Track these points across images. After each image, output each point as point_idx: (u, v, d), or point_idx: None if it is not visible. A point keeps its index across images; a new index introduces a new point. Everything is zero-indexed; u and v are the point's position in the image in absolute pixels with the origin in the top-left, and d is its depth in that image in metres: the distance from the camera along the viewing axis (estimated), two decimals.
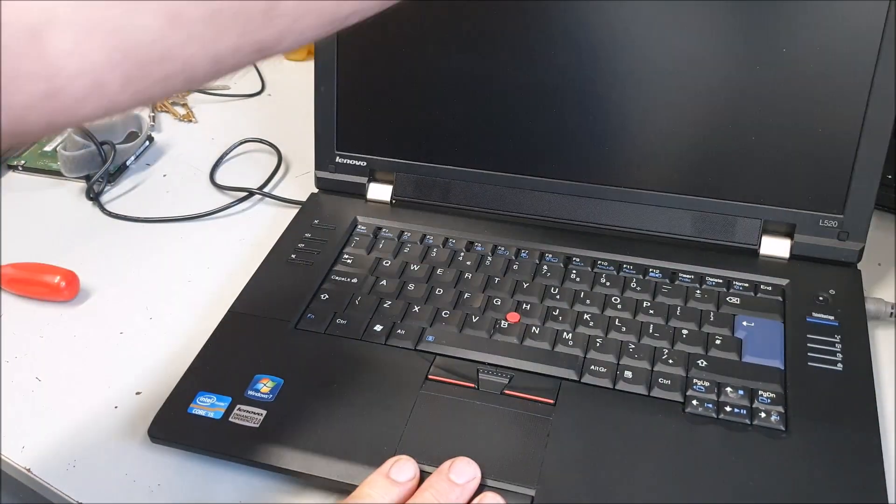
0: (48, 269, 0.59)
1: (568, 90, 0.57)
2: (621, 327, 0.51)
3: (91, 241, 0.65)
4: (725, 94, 0.55)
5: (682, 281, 0.54)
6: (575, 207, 0.59)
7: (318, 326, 0.52)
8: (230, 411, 0.47)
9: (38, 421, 0.50)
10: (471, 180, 0.60)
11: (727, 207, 0.56)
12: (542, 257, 0.57)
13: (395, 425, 0.45)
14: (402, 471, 0.42)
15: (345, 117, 0.62)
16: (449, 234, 0.59)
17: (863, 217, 0.54)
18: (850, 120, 0.53)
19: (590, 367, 0.48)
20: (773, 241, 0.56)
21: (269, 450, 0.45)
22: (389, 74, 0.60)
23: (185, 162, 0.74)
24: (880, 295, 0.56)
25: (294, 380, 0.48)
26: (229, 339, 0.51)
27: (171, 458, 0.47)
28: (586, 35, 0.55)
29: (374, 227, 0.60)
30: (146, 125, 0.76)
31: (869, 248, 0.55)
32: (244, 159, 0.74)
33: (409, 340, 0.51)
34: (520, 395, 0.47)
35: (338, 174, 0.63)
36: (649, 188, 0.57)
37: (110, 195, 0.70)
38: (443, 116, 0.60)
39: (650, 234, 0.58)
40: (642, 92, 0.56)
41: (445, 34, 0.58)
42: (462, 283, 0.55)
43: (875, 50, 0.51)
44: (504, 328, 0.51)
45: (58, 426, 0.50)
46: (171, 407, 0.47)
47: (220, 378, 0.49)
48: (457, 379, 0.48)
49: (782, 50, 0.53)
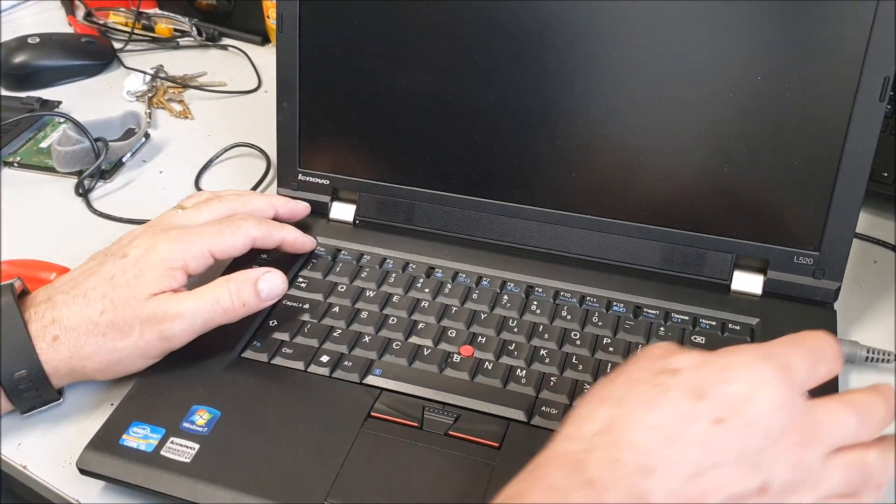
0: (43, 266, 0.58)
1: (536, 114, 0.55)
2: (578, 365, 0.49)
3: (79, 237, 0.64)
4: (698, 124, 0.52)
5: (646, 316, 0.52)
6: (541, 234, 0.56)
7: (263, 355, 0.50)
8: (163, 444, 0.45)
9: (34, 418, 0.49)
10: (436, 203, 0.58)
11: (698, 240, 0.54)
12: (503, 286, 0.54)
13: (331, 466, 0.43)
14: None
15: (308, 134, 0.60)
16: (410, 257, 0.57)
17: (840, 255, 0.52)
18: (828, 153, 0.50)
19: (541, 409, 0.46)
20: (745, 276, 0.54)
21: (197, 487, 0.43)
22: (354, 92, 0.58)
23: (182, 159, 0.74)
24: (859, 324, 0.54)
25: (232, 412, 0.46)
26: (171, 365, 0.50)
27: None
28: (556, 59, 0.53)
29: (333, 248, 0.58)
30: (143, 122, 0.75)
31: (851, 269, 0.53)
32: (234, 163, 0.73)
33: (356, 373, 0.49)
34: (464, 436, 0.45)
35: (300, 192, 0.61)
36: (618, 217, 0.55)
37: (104, 191, 0.70)
38: (409, 136, 0.58)
39: (617, 265, 0.55)
40: (613, 119, 0.54)
41: (412, 53, 0.56)
42: (418, 310, 0.53)
43: (854, 80, 0.49)
44: (456, 362, 0.49)
45: (54, 423, 0.49)
46: (103, 437, 0.46)
47: (157, 408, 0.47)
48: (400, 417, 0.46)
49: (757, 79, 0.50)
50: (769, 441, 0.34)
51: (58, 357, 0.47)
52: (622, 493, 0.33)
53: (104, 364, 0.47)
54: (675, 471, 0.33)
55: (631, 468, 0.33)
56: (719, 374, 0.35)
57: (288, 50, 0.59)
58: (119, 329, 0.47)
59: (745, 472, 0.34)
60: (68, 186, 0.70)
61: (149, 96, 0.82)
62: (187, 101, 0.82)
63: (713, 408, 0.34)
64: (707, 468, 0.34)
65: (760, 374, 0.35)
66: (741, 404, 0.35)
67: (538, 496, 0.34)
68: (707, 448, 0.34)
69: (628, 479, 0.33)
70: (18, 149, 0.74)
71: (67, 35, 0.89)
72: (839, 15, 0.48)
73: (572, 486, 0.34)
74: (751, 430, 0.34)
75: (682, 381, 0.36)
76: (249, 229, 0.52)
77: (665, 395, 0.35)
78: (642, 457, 0.34)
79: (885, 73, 0.48)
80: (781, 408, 0.35)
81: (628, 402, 0.36)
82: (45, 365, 0.46)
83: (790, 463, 0.35)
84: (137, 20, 0.91)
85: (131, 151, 0.73)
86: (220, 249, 0.51)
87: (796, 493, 0.35)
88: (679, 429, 0.34)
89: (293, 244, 0.56)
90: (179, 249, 0.49)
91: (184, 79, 0.84)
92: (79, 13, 0.94)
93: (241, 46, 0.90)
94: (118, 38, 0.91)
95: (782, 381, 0.35)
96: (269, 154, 0.72)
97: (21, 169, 0.72)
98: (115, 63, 0.88)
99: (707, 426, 0.34)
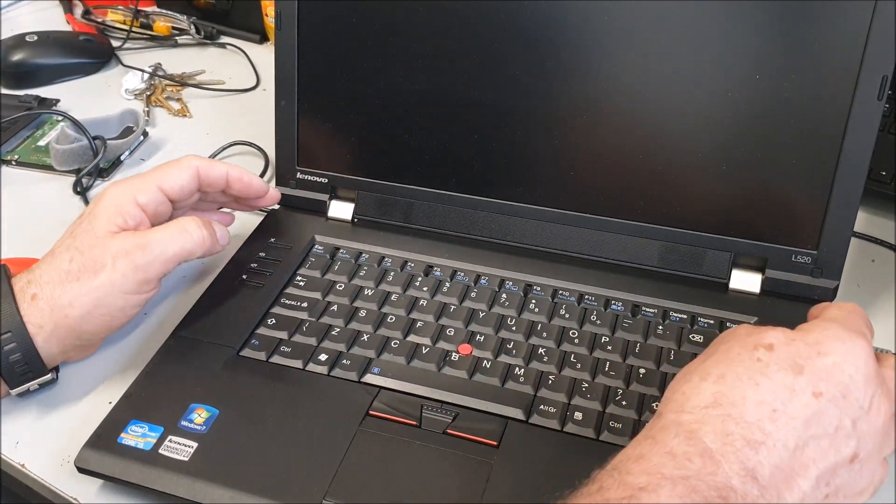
0: None
1: (535, 113, 0.55)
2: (576, 364, 0.49)
3: None
4: (697, 122, 0.52)
5: (644, 315, 0.52)
6: (539, 233, 0.56)
7: (262, 354, 0.50)
8: (161, 442, 0.45)
9: (32, 417, 0.50)
10: (435, 201, 0.58)
11: (696, 239, 0.54)
12: (501, 284, 0.54)
13: (329, 465, 0.43)
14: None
15: (306, 132, 0.60)
16: (408, 256, 0.57)
17: (838, 254, 0.52)
18: (826, 152, 0.50)
19: (539, 407, 0.46)
20: (743, 275, 0.54)
21: (195, 486, 0.43)
22: (353, 90, 0.58)
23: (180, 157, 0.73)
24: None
25: (230, 411, 0.46)
26: (169, 364, 0.50)
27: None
28: (554, 57, 0.53)
29: (331, 247, 0.58)
30: (141, 120, 0.75)
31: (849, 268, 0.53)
32: (232, 162, 0.72)
33: (354, 372, 0.49)
34: (462, 435, 0.45)
35: (298, 190, 0.61)
36: (617, 216, 0.55)
37: (101, 190, 0.69)
38: (407, 135, 0.58)
39: (616, 264, 0.55)
40: (611, 118, 0.54)
41: (411, 52, 0.56)
42: (416, 309, 0.53)
43: (853, 79, 0.49)
44: (454, 361, 0.49)
45: (52, 422, 0.49)
46: (101, 435, 0.46)
47: (155, 406, 0.47)
48: (399, 416, 0.46)
49: (756, 78, 0.50)
50: (862, 412, 0.37)
51: (39, 313, 0.47)
52: (735, 465, 0.35)
53: (86, 309, 0.48)
54: (781, 444, 0.36)
55: (741, 442, 0.36)
56: (813, 348, 0.38)
57: (286, 48, 0.58)
58: (91, 269, 0.48)
59: (842, 443, 0.36)
60: (66, 185, 0.70)
61: (147, 94, 0.81)
62: (185, 100, 0.81)
63: (811, 381, 0.37)
64: (807, 440, 0.36)
65: (851, 347, 0.38)
66: (836, 375, 0.37)
67: (657, 459, 0.36)
68: (808, 422, 0.36)
69: (740, 453, 0.35)
70: (16, 147, 0.74)
71: (65, 33, 0.89)
72: (837, 14, 0.48)
73: (690, 453, 0.35)
74: (845, 403, 0.37)
75: (778, 356, 0.38)
76: (191, 160, 0.54)
77: (765, 370, 0.38)
78: (751, 431, 0.36)
79: (884, 73, 0.48)
80: (870, 378, 0.38)
81: (731, 378, 0.38)
82: (29, 325, 0.47)
83: (878, 430, 0.37)
84: (136, 18, 0.90)
85: (129, 150, 0.73)
86: (167, 181, 0.52)
87: (880, 454, 0.38)
88: (782, 403, 0.36)
89: (239, 179, 0.55)
90: (125, 186, 0.51)
91: (182, 77, 0.84)
92: (77, 11, 0.94)
93: (239, 45, 0.90)
94: (116, 37, 0.90)
95: (869, 352, 0.38)
96: (268, 152, 0.72)
97: (19, 167, 0.72)
98: (114, 61, 0.88)
99: (807, 400, 0.37)
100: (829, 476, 0.36)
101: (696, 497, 0.34)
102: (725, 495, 0.34)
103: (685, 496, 0.34)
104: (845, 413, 0.37)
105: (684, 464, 0.35)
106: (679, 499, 0.34)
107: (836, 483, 0.36)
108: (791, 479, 0.35)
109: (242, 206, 0.59)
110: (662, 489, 0.34)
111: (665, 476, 0.35)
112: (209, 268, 0.60)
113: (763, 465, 0.35)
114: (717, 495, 0.34)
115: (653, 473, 0.35)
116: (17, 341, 0.47)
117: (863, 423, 0.37)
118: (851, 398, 0.37)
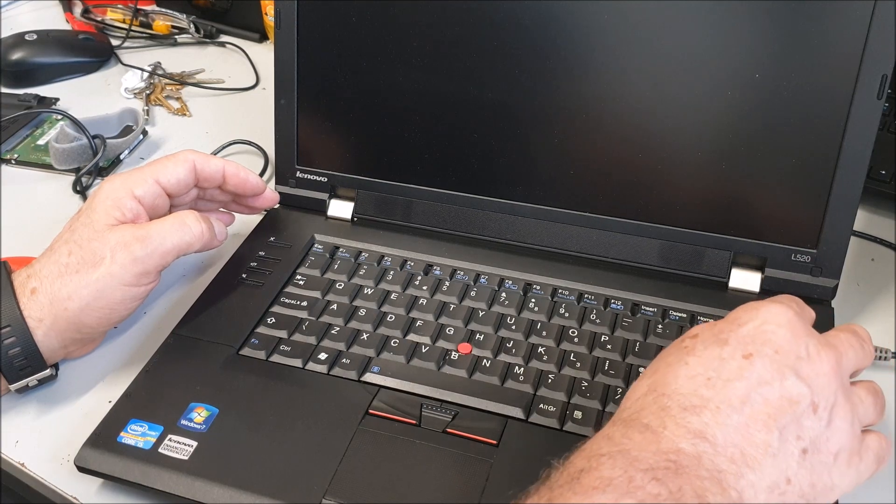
0: None
1: (534, 112, 0.55)
2: (576, 363, 0.49)
3: None
4: (696, 121, 0.52)
5: (644, 314, 0.52)
6: (539, 231, 0.56)
7: (261, 353, 0.50)
8: (160, 441, 0.45)
9: (32, 415, 0.50)
10: (434, 200, 0.58)
11: (696, 238, 0.54)
12: (501, 283, 0.54)
13: (329, 463, 0.43)
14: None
15: (306, 131, 0.60)
16: (408, 255, 0.57)
17: (837, 252, 0.52)
18: (826, 151, 0.50)
19: (538, 406, 0.46)
20: (742, 274, 0.54)
21: (195, 485, 0.43)
22: (352, 89, 0.58)
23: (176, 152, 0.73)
24: (857, 322, 0.54)
25: (229, 410, 0.46)
26: (169, 363, 0.50)
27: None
28: (553, 56, 0.53)
29: (331, 246, 0.58)
30: (141, 119, 0.75)
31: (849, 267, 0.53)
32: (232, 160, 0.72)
33: (354, 371, 0.49)
34: (462, 433, 0.45)
35: (298, 189, 0.61)
36: (616, 215, 0.55)
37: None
38: (407, 134, 0.58)
39: (615, 263, 0.55)
40: (611, 116, 0.54)
41: (410, 51, 0.56)
42: (416, 308, 0.53)
43: (852, 78, 0.49)
44: (454, 360, 0.49)
45: (52, 421, 0.49)
46: (101, 434, 0.46)
47: (155, 405, 0.47)
48: (399, 415, 0.46)
49: (756, 77, 0.50)
50: (801, 360, 0.37)
51: (38, 307, 0.47)
52: (678, 430, 0.35)
53: (85, 301, 0.48)
54: (724, 404, 0.36)
55: (678, 410, 0.36)
56: (732, 323, 0.39)
57: (286, 47, 0.58)
58: (90, 262, 0.48)
59: (791, 389, 0.36)
60: (66, 184, 0.70)
61: (146, 93, 0.81)
62: (185, 99, 0.81)
63: (738, 347, 0.37)
64: (750, 394, 0.36)
65: (767, 310, 0.39)
66: (761, 336, 0.37)
67: (596, 444, 0.36)
68: (746, 379, 0.36)
69: (679, 418, 0.35)
70: (16, 146, 0.74)
71: (65, 32, 0.88)
72: (837, 13, 0.48)
73: (628, 433, 0.36)
74: (779, 356, 0.37)
75: (703, 338, 0.39)
76: (187, 154, 0.54)
77: (692, 351, 0.38)
78: (687, 400, 0.36)
79: (883, 71, 0.48)
80: (797, 332, 0.38)
81: (662, 367, 0.39)
82: (29, 319, 0.47)
83: (827, 375, 0.37)
84: (135, 17, 0.90)
85: (129, 148, 0.73)
86: (163, 175, 0.52)
87: (848, 412, 0.37)
88: (714, 371, 0.37)
89: (235, 175, 0.56)
90: (122, 180, 0.51)
91: (182, 76, 0.84)
92: (76, 10, 0.94)
93: (239, 43, 0.90)
94: (116, 35, 0.90)
95: (788, 312, 0.39)
96: (268, 151, 0.72)
97: (19, 166, 0.72)
98: (113, 60, 0.88)
99: (739, 362, 0.37)
100: (796, 427, 0.36)
101: (640, 465, 0.34)
102: (676, 459, 0.34)
103: (627, 466, 0.34)
104: (783, 364, 0.37)
105: (622, 441, 0.35)
106: (622, 470, 0.33)
107: (809, 436, 0.36)
108: (748, 433, 0.35)
109: (241, 207, 0.59)
110: (603, 466, 0.34)
111: (603, 454, 0.35)
112: (209, 266, 0.60)
113: (710, 425, 0.35)
114: (664, 459, 0.34)
115: (592, 456, 0.35)
116: (16, 335, 0.47)
117: (805, 367, 0.37)
118: (784, 351, 0.37)
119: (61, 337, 0.48)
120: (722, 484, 0.34)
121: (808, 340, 0.38)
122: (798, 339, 0.38)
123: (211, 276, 0.56)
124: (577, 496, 0.33)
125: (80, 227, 0.49)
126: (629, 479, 0.33)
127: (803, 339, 0.38)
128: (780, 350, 0.37)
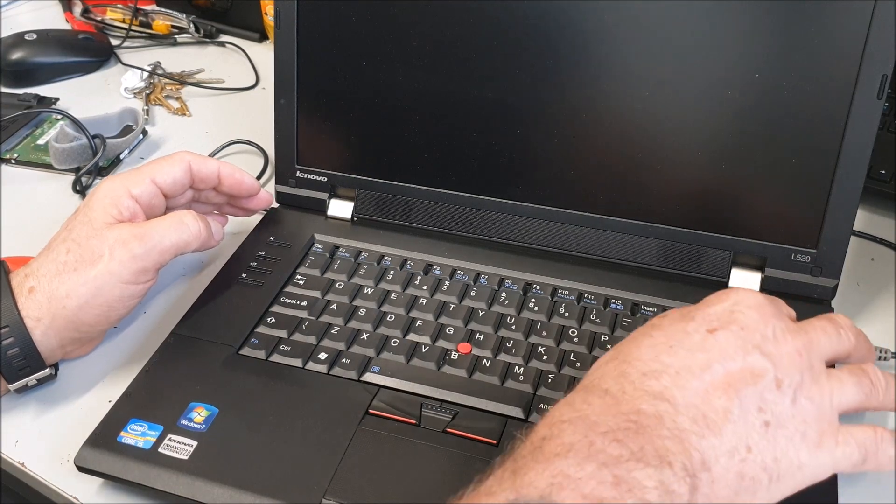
0: None
1: (534, 111, 0.55)
2: (576, 363, 0.49)
3: None
4: (696, 121, 0.52)
5: (643, 313, 0.52)
6: (539, 231, 0.56)
7: (261, 352, 0.50)
8: (160, 441, 0.45)
9: (32, 415, 0.50)
10: (434, 199, 0.58)
11: (696, 238, 0.54)
12: (501, 283, 0.54)
13: (329, 463, 0.43)
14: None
15: (306, 131, 0.60)
16: (408, 254, 0.57)
17: (837, 252, 0.52)
18: (826, 151, 0.50)
19: (538, 406, 0.46)
20: (742, 273, 0.54)
21: (195, 484, 0.43)
22: (352, 89, 0.58)
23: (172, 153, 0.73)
24: (857, 322, 0.53)
25: (229, 409, 0.46)
26: (169, 363, 0.50)
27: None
28: (553, 55, 0.53)
29: (331, 245, 0.58)
30: (141, 119, 0.75)
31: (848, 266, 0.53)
32: (232, 160, 0.73)
33: (353, 370, 0.49)
34: (462, 433, 0.45)
35: (298, 189, 0.61)
36: (616, 215, 0.55)
37: None
38: (407, 134, 0.58)
39: (615, 262, 0.55)
40: (611, 116, 0.54)
41: (410, 51, 0.56)
42: (416, 307, 0.53)
43: (852, 78, 0.49)
44: (454, 359, 0.49)
45: (52, 420, 0.49)
46: (101, 434, 0.46)
47: (155, 405, 0.47)
48: (398, 414, 0.46)
49: (756, 76, 0.50)
50: (766, 339, 0.37)
51: (37, 306, 0.47)
52: (638, 393, 0.35)
53: (83, 299, 0.48)
54: (684, 370, 0.36)
55: (637, 375, 0.36)
56: (702, 304, 0.40)
57: (286, 47, 0.58)
58: (88, 260, 0.48)
59: (755, 364, 0.36)
60: (66, 183, 0.70)
61: (146, 93, 0.81)
62: (185, 98, 0.81)
63: (703, 322, 0.38)
64: (711, 363, 0.36)
65: (736, 294, 0.39)
66: (728, 315, 0.38)
67: (557, 411, 0.37)
68: (709, 350, 0.36)
69: (638, 383, 0.36)
70: (16, 146, 0.74)
71: (65, 31, 0.89)
72: (837, 13, 0.48)
73: (588, 398, 0.36)
74: (745, 333, 0.37)
75: (670, 317, 0.40)
76: (183, 155, 0.54)
77: (657, 327, 0.39)
78: (647, 366, 0.36)
79: (883, 71, 0.48)
80: (766, 314, 0.38)
81: (627, 343, 0.39)
82: (27, 319, 0.47)
83: (791, 356, 0.37)
84: (135, 17, 0.90)
85: (129, 148, 0.73)
86: (159, 174, 0.53)
87: (811, 394, 0.37)
88: (677, 341, 0.37)
89: (231, 176, 0.56)
90: (119, 179, 0.52)
91: (181, 76, 0.84)
92: (76, 9, 0.94)
93: (238, 43, 0.90)
94: (116, 35, 0.90)
95: (757, 297, 0.39)
96: (267, 151, 0.72)
97: (18, 166, 0.72)
98: (113, 60, 0.88)
99: (703, 336, 0.37)
100: (757, 399, 0.36)
101: (600, 428, 0.34)
102: (636, 419, 0.34)
103: (587, 431, 0.34)
104: (748, 340, 0.37)
105: (581, 407, 0.36)
106: (582, 435, 0.34)
107: (772, 410, 0.36)
108: (707, 398, 0.35)
109: (236, 209, 0.59)
110: (564, 433, 0.34)
111: (564, 420, 0.35)
112: (208, 266, 0.60)
113: (670, 388, 0.35)
114: (624, 419, 0.34)
115: (553, 423, 0.35)
116: (14, 335, 0.47)
117: (770, 346, 0.37)
118: (750, 329, 0.37)
119: (60, 336, 0.48)
120: (684, 444, 0.34)
121: (776, 323, 0.38)
122: (766, 321, 0.38)
123: (210, 275, 0.56)
124: (539, 464, 0.33)
125: (77, 225, 0.50)
126: (590, 443, 0.33)
127: (771, 322, 0.38)
128: (746, 328, 0.37)
